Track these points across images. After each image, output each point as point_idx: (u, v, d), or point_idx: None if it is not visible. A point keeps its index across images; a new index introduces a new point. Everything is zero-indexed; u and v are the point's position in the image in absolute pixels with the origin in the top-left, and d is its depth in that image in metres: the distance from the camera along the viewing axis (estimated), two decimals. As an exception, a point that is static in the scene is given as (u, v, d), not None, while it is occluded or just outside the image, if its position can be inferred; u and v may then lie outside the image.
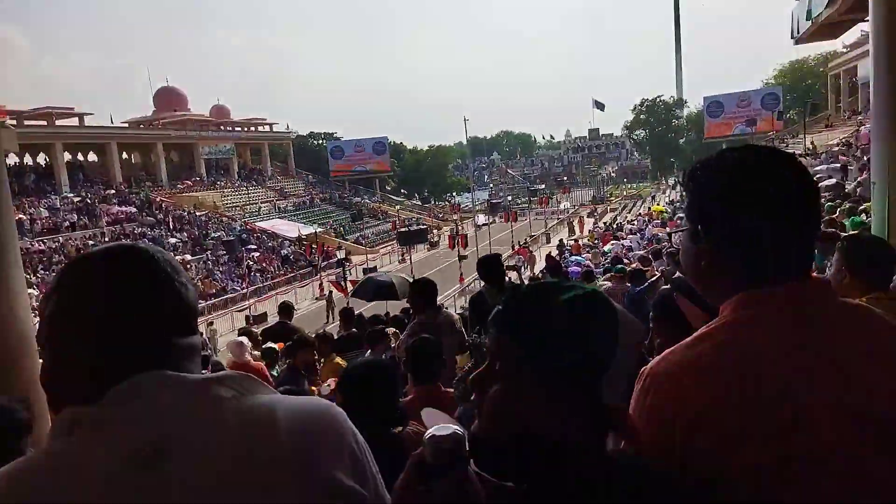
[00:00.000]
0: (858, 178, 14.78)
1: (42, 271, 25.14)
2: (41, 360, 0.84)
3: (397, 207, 52.75)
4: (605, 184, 71.82)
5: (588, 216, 45.76)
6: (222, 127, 52.23)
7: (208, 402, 0.78)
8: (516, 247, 31.94)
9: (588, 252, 25.65)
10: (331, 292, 24.57)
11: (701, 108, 59.15)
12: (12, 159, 36.00)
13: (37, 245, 27.91)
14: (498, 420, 0.87)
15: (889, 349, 0.93)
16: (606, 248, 24.07)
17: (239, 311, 24.67)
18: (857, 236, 2.59)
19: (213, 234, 34.82)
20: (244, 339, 5.43)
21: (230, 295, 27.83)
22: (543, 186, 65.51)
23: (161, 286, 0.84)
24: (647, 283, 7.04)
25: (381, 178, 59.11)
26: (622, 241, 24.71)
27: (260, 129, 56.74)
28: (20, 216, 28.65)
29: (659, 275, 7.81)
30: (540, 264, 28.98)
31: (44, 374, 0.82)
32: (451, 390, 2.93)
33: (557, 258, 27.90)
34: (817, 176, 21.05)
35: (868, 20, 5.15)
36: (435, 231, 43.89)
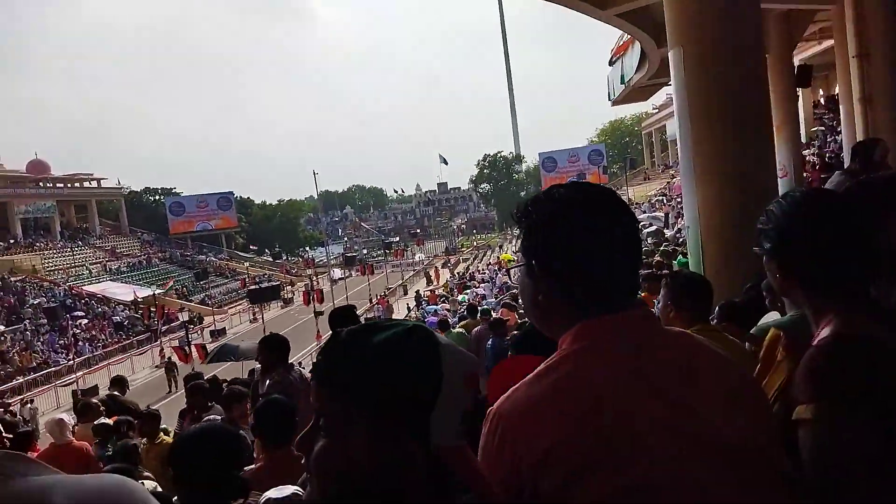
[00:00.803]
0: (677, 225, 16.59)
1: None
2: None
3: (246, 264, 50.41)
4: (456, 235, 74.37)
5: (442, 267, 46.94)
6: (41, 183, 47.62)
7: None
8: (374, 300, 31.86)
9: (444, 301, 26.31)
10: (170, 359, 22.76)
11: (538, 164, 63.86)
12: None
13: None
14: (324, 479, 0.81)
15: (714, 372, 0.98)
16: (461, 297, 24.86)
17: (65, 385, 21.93)
18: (679, 273, 2.88)
19: (31, 301, 31.06)
20: (65, 416, 4.95)
21: (53, 368, 24.75)
22: (398, 239, 66.28)
23: None
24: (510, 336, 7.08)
25: (229, 235, 56.54)
26: (476, 290, 25.63)
27: (86, 184, 52.29)
28: None
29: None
30: (399, 314, 29.12)
31: None
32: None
33: (415, 309, 28.42)
34: (641, 224, 23.48)
35: (671, 83, 5.90)
36: (289, 287, 42.55)
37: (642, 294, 6.63)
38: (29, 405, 18.61)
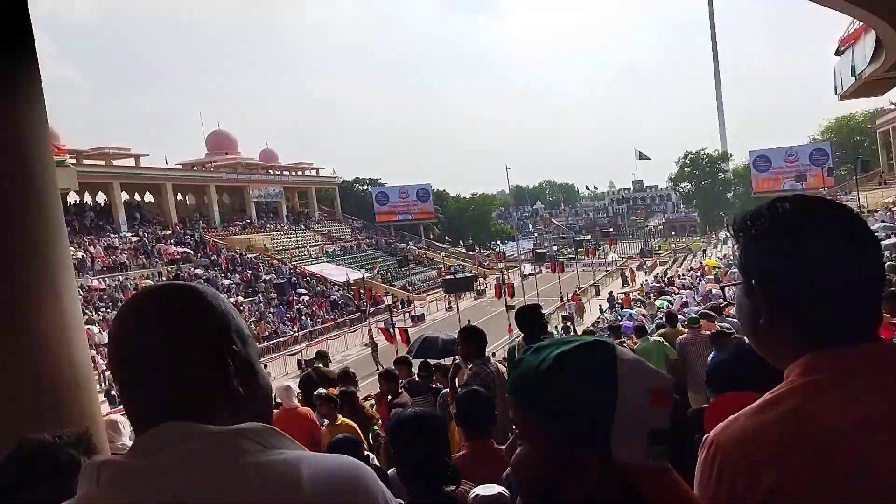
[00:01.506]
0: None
1: (103, 309, 25.77)
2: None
3: (442, 254, 52.92)
4: (652, 236, 70.99)
5: (637, 269, 45.08)
6: (270, 171, 53.32)
7: (230, 456, 0.76)
8: (564, 298, 31.60)
9: (640, 306, 25.18)
10: (373, 339, 24.49)
11: (747, 163, 58.56)
12: (72, 197, 37.41)
13: (96, 283, 28.69)
14: (522, 486, 0.87)
15: None
16: (658, 302, 23.56)
17: (290, 354, 24.71)
18: None
19: (264, 277, 35.30)
20: (291, 384, 5.44)
21: (282, 338, 28.02)
22: (589, 237, 64.90)
23: (211, 328, 0.83)
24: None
25: (426, 225, 59.64)
26: (676, 296, 24.15)
27: (307, 173, 57.84)
28: (80, 254, 29.64)
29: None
30: (591, 316, 28.56)
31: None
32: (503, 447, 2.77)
33: (608, 311, 27.62)
34: (876, 234, 20.42)
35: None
36: (481, 279, 43.74)
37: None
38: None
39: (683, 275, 34.97)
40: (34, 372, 2.24)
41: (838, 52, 20.42)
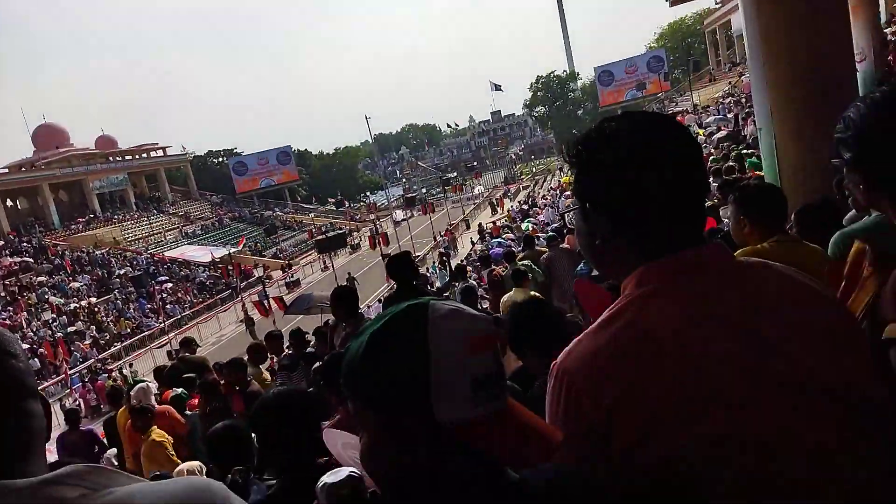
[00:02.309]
0: (748, 126, 15.62)
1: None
2: None
3: (311, 215, 51.70)
4: (514, 164, 73.17)
5: (503, 196, 46.54)
6: (111, 158, 49.61)
7: None
8: (437, 237, 32.11)
9: (508, 231, 26.14)
10: (247, 314, 23.90)
11: (593, 79, 61.27)
12: None
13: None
14: (373, 478, 0.84)
15: (803, 306, 0.89)
16: (524, 225, 24.58)
17: (158, 347, 23.45)
18: (747, 185, 2.68)
19: (118, 272, 32.99)
20: (148, 384, 5.46)
21: (146, 332, 26.52)
22: (455, 174, 65.83)
23: (13, 375, 0.71)
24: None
25: (291, 188, 57.79)
26: (538, 217, 25.28)
27: (153, 154, 54.15)
28: None
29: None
30: (463, 251, 29.31)
31: None
32: None
33: (478, 242, 28.52)
34: (708, 129, 22.28)
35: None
36: (354, 234, 43.38)
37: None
38: (129, 369, 20.08)
39: (545, 195, 36.58)
40: None
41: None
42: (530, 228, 21.76)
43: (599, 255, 0.98)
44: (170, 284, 32.26)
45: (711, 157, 12.00)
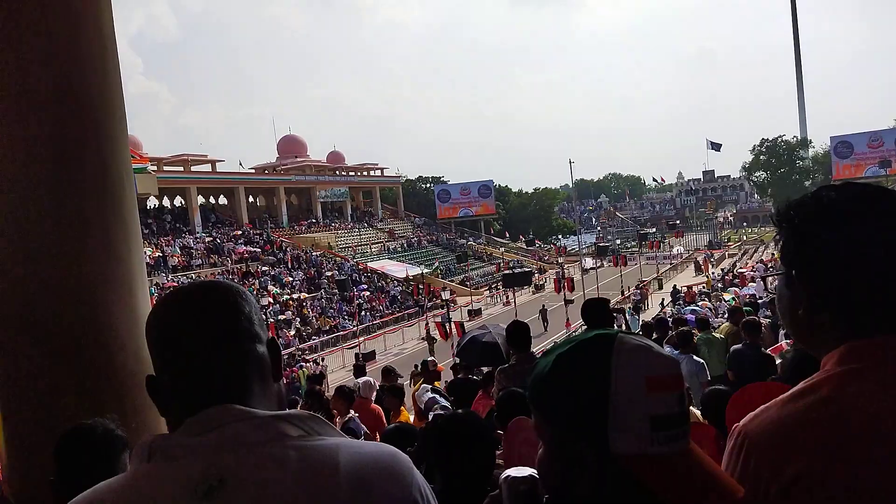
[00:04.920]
0: None
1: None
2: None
3: (502, 249, 52.80)
4: (722, 228, 68.10)
5: (704, 261, 43.58)
6: (338, 172, 54.77)
7: (274, 439, 0.79)
8: (626, 291, 30.98)
9: (705, 299, 24.35)
10: (429, 333, 24.93)
11: (827, 149, 55.37)
12: (153, 201, 39.87)
13: (171, 281, 30.41)
14: (543, 484, 0.90)
15: None
16: (727, 296, 22.73)
17: (349, 348, 25.45)
18: None
19: (326, 273, 36.41)
20: (372, 380, 5.68)
21: (341, 332, 28.89)
22: (654, 230, 63.00)
23: (244, 323, 0.87)
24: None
25: (487, 221, 59.61)
26: (744, 289, 23.23)
27: (371, 173, 59.06)
28: (159, 254, 31.46)
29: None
30: (650, 311, 27.85)
31: (149, 388, 0.89)
32: None
33: (669, 305, 26.83)
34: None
35: None
36: (540, 274, 43.46)
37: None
38: (321, 362, 22.03)
39: (754, 267, 33.56)
40: (101, 363, 2.37)
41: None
42: (733, 301, 20.10)
43: (800, 325, 0.93)
44: (367, 293, 34.84)
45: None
